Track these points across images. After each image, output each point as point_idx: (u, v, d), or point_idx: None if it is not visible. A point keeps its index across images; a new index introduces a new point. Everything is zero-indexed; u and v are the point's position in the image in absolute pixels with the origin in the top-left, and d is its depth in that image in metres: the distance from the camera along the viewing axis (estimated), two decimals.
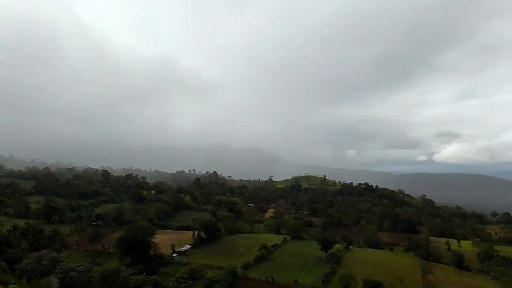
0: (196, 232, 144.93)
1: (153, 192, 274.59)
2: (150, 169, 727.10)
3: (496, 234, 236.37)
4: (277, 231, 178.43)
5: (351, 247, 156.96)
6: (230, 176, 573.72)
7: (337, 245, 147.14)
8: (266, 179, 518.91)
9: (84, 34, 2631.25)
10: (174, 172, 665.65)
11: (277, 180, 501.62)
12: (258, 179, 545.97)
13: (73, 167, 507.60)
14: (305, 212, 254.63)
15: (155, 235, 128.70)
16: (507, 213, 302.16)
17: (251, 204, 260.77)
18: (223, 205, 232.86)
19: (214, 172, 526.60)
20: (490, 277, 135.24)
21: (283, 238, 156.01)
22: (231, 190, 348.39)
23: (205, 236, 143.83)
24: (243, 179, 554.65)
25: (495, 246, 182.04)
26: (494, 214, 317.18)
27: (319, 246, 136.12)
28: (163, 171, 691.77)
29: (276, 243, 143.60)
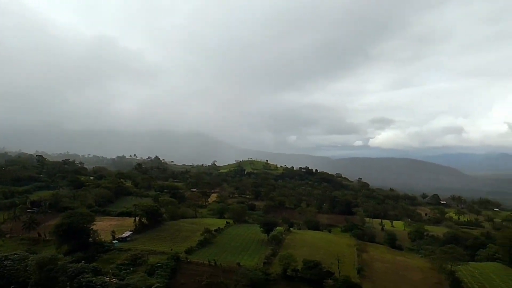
0: (137, 218, 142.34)
1: (92, 178, 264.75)
2: (89, 154, 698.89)
3: (426, 214, 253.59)
4: (220, 215, 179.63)
5: (292, 229, 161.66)
6: (173, 161, 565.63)
7: (278, 228, 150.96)
8: (210, 164, 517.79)
9: (20, 11, 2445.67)
10: (114, 157, 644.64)
11: (220, 165, 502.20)
12: (201, 164, 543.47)
13: (6, 152, 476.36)
14: (248, 196, 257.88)
15: (95, 222, 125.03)
16: (436, 195, 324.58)
17: (195, 189, 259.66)
18: (165, 190, 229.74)
19: (156, 157, 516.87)
20: (420, 255, 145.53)
21: (227, 222, 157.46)
22: (174, 175, 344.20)
23: (147, 222, 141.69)
24: (186, 164, 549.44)
25: (425, 226, 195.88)
26: (424, 196, 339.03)
27: (261, 229, 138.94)
28: (102, 156, 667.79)
29: (219, 227, 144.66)
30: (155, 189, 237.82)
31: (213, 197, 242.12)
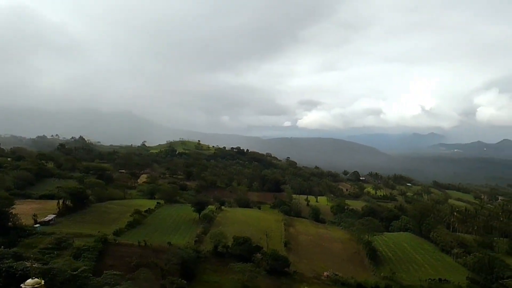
0: (61, 201, 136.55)
1: (9, 159, 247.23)
2: (6, 134, 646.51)
3: (346, 190, 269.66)
4: (151, 196, 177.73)
5: (223, 207, 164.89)
6: (99, 142, 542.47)
7: (210, 206, 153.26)
8: (139, 144, 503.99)
9: None
10: (35, 137, 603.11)
11: (151, 145, 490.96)
12: (130, 144, 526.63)
13: None
14: (180, 176, 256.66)
15: (14, 205, 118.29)
16: (356, 171, 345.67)
17: (123, 170, 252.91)
18: (91, 171, 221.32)
19: (81, 137, 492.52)
20: (341, 227, 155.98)
21: (157, 202, 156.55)
22: (101, 156, 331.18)
23: (72, 204, 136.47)
24: (114, 145, 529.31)
25: (346, 200, 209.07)
26: (345, 172, 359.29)
27: (193, 208, 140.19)
28: (21, 136, 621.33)
29: (150, 208, 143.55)
30: (80, 170, 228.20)
31: (143, 178, 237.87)
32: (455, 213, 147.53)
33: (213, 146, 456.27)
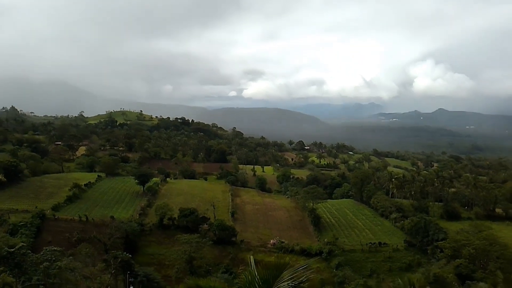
0: None
1: None
2: None
3: (292, 159, 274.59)
4: (91, 169, 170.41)
5: (168, 179, 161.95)
6: (32, 112, 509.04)
7: (154, 179, 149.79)
8: (76, 115, 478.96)
9: None
10: None
11: (88, 116, 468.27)
12: (66, 115, 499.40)
13: None
14: (121, 148, 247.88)
15: None
16: (301, 141, 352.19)
17: (59, 142, 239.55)
18: (25, 144, 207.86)
19: (13, 107, 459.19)
20: (286, 196, 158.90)
21: (98, 175, 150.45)
22: (35, 127, 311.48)
23: (4, 179, 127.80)
24: (49, 115, 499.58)
25: (291, 169, 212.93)
26: (290, 142, 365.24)
27: (136, 180, 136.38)
28: None
29: (90, 181, 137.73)
30: (13, 143, 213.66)
31: (82, 150, 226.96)
32: (393, 180, 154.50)
33: (155, 117, 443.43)
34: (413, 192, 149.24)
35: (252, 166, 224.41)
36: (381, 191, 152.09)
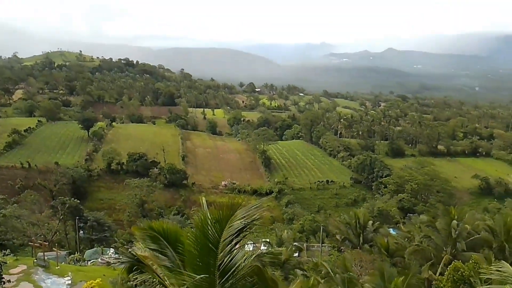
0: None
1: None
2: None
3: (243, 102, 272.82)
4: (30, 114, 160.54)
5: (114, 123, 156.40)
6: None
7: (99, 123, 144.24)
8: (10, 56, 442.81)
9: None
10: None
11: (23, 57, 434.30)
12: None
13: None
14: (61, 92, 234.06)
15: None
16: (252, 83, 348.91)
17: None
18: None
19: None
20: (238, 139, 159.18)
21: (38, 120, 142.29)
22: None
23: None
24: None
25: (242, 112, 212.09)
26: (241, 84, 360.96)
27: (80, 125, 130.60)
28: None
29: (30, 127, 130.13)
30: None
31: (18, 94, 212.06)
32: (342, 120, 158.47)
33: (97, 58, 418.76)
34: (360, 132, 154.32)
35: (202, 109, 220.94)
36: (330, 131, 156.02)
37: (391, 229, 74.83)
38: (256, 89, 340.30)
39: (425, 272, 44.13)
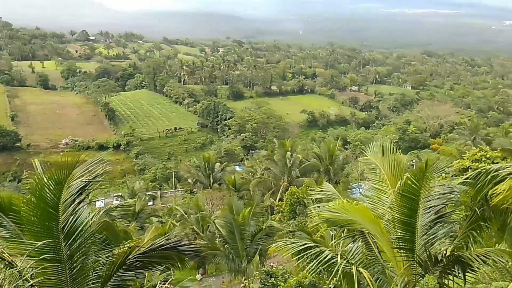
0: None
1: None
2: None
3: (76, 51, 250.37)
4: None
5: None
6: None
7: None
8: None
9: None
10: None
11: None
12: None
13: None
14: None
15: None
16: (84, 31, 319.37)
17: None
18: None
19: None
20: (75, 92, 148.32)
21: None
22: None
23: None
24: None
25: (76, 63, 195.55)
26: (72, 32, 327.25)
27: None
28: None
29: None
30: None
31: None
32: (184, 67, 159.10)
33: None
34: (203, 78, 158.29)
35: (29, 62, 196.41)
36: (174, 79, 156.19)
37: (236, 166, 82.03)
38: (90, 37, 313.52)
39: (267, 199, 50.87)
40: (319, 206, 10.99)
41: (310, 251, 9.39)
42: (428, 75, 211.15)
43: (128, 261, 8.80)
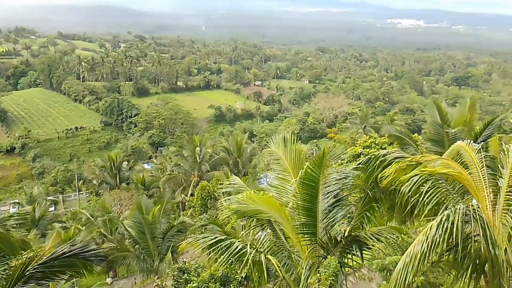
0: None
1: None
2: None
3: None
4: None
5: None
6: None
7: None
8: None
9: None
10: None
11: None
12: None
13: None
14: None
15: None
16: None
17: None
18: None
19: None
20: None
21: None
22: None
23: None
24: None
25: None
26: None
27: None
28: None
29: None
30: None
31: None
32: (83, 63, 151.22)
33: None
34: (104, 74, 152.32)
35: None
36: (72, 76, 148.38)
37: (145, 164, 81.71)
38: None
39: (178, 196, 51.70)
40: (229, 199, 11.45)
41: (221, 243, 9.83)
42: (322, 69, 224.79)
43: (27, 273, 8.28)
